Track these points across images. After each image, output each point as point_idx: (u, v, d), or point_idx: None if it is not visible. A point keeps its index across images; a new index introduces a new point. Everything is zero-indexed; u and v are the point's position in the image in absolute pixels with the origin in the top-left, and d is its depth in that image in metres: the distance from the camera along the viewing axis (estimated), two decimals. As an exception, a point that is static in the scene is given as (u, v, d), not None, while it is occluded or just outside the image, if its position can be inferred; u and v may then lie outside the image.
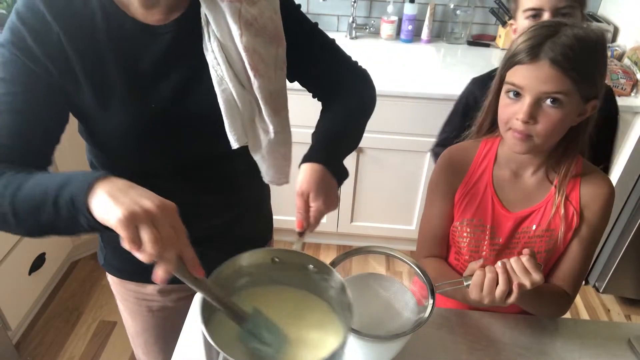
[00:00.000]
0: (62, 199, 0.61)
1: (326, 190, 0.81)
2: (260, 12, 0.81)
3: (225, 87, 0.80)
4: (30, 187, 0.65)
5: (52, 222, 0.64)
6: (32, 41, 0.71)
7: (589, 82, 0.84)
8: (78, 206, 0.60)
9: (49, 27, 0.72)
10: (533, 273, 0.80)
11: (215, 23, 0.78)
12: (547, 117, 0.84)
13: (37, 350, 1.90)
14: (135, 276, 1.02)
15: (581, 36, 0.82)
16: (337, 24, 2.37)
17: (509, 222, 0.97)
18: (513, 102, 0.86)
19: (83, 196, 0.59)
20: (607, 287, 2.19)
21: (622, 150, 1.96)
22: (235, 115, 0.82)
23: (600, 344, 0.96)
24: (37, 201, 0.63)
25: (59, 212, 0.62)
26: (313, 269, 0.72)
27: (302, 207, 0.79)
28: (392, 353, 0.85)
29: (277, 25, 0.84)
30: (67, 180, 0.62)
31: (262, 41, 0.81)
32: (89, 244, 2.30)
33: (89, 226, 0.61)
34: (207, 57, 0.80)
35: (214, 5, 0.78)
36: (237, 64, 0.81)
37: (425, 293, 0.81)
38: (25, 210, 0.65)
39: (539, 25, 0.86)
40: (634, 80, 1.88)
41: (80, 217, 0.60)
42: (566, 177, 0.93)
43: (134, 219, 0.56)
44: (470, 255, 1.01)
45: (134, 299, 1.06)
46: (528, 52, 0.82)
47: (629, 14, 2.12)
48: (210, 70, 0.80)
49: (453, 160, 1.02)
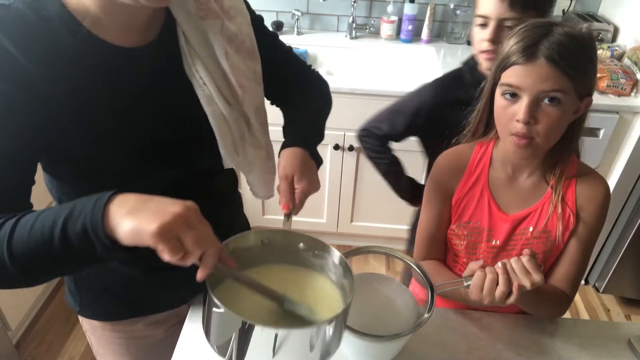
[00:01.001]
0: (71, 233, 0.57)
1: (309, 172, 0.83)
2: (238, 28, 0.81)
3: (215, 107, 0.79)
4: (26, 228, 0.59)
5: (59, 261, 0.60)
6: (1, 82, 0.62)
7: (584, 79, 0.84)
8: (96, 235, 0.56)
9: (17, 64, 0.62)
10: (533, 273, 0.80)
11: (196, 41, 0.76)
12: (546, 116, 0.84)
13: (37, 350, 1.90)
14: (121, 314, 0.96)
15: (573, 34, 0.82)
16: (337, 24, 2.38)
17: (505, 225, 0.97)
18: (510, 104, 0.86)
19: (100, 224, 0.55)
20: (607, 287, 2.19)
21: (622, 150, 1.96)
22: (226, 134, 0.82)
23: (600, 344, 0.96)
24: (39, 240, 0.58)
25: (69, 248, 0.57)
26: (303, 247, 0.74)
27: (286, 189, 0.81)
28: (392, 353, 0.85)
29: (252, 40, 0.84)
30: (69, 212, 0.58)
31: (242, 57, 0.81)
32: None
33: (106, 254, 0.57)
34: (191, 77, 0.77)
35: (192, 23, 0.75)
36: (220, 81, 0.79)
37: (425, 293, 0.81)
38: (27, 253, 0.59)
39: (530, 25, 0.85)
40: (634, 80, 1.88)
41: (97, 247, 0.57)
42: (562, 178, 0.93)
43: (170, 229, 0.55)
44: (467, 258, 1.01)
45: (121, 339, 0.99)
46: (523, 52, 0.82)
47: (629, 14, 2.12)
48: (197, 90, 0.78)
49: (449, 164, 1.02)
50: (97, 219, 0.56)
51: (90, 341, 1.03)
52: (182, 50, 0.76)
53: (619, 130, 1.91)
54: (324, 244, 0.74)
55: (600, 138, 1.90)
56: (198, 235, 0.57)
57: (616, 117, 1.87)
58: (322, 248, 0.74)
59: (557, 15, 2.33)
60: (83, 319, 0.98)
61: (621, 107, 1.86)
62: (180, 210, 0.56)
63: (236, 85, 0.80)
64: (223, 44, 0.78)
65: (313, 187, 0.83)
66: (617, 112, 1.87)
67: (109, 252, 0.57)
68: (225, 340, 0.63)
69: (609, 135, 1.90)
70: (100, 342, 1.01)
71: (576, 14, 2.26)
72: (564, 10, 2.32)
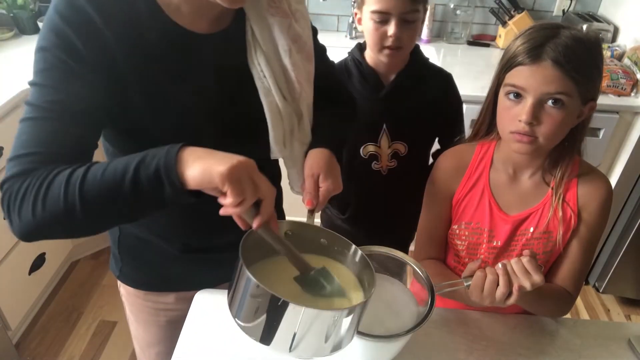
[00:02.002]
0: (142, 174, 0.61)
1: (334, 172, 0.89)
2: (302, 31, 0.87)
3: (272, 99, 0.84)
4: (98, 173, 0.63)
5: (126, 204, 0.63)
6: (80, 43, 0.68)
7: (589, 83, 0.84)
8: (168, 176, 0.60)
9: (97, 29, 0.69)
10: (534, 274, 0.80)
11: (262, 37, 0.82)
12: (549, 117, 0.83)
13: (37, 350, 1.90)
14: (155, 286, 1.03)
15: (580, 37, 0.82)
16: (337, 24, 2.38)
17: (506, 225, 0.97)
18: (514, 104, 0.86)
19: (173, 166, 0.60)
20: (607, 287, 2.19)
21: (622, 150, 1.96)
22: (279, 126, 0.87)
23: (600, 344, 0.96)
24: (110, 183, 0.62)
25: (138, 189, 0.61)
26: (324, 242, 0.78)
27: (312, 187, 0.86)
28: (392, 353, 0.85)
29: (311, 45, 0.90)
30: (141, 158, 0.62)
31: (302, 58, 0.87)
32: (89, 243, 2.31)
33: (175, 196, 0.62)
34: (252, 68, 0.82)
35: (261, 19, 0.82)
36: (279, 76, 0.85)
37: (425, 293, 0.81)
38: (96, 195, 0.63)
39: (537, 27, 0.85)
40: (634, 80, 1.88)
41: (166, 189, 0.61)
42: (563, 179, 0.93)
43: (237, 172, 0.60)
44: (468, 258, 1.01)
45: (151, 309, 1.06)
46: (529, 53, 0.82)
47: (629, 14, 2.12)
48: (256, 82, 0.83)
49: (450, 164, 1.03)
50: (170, 161, 0.61)
51: (125, 305, 1.11)
52: (247, 42, 0.82)
53: (619, 130, 1.91)
54: (345, 240, 0.77)
55: (600, 138, 1.90)
56: (259, 182, 0.63)
57: (616, 117, 1.87)
58: (343, 244, 0.77)
59: (557, 15, 2.33)
60: (121, 284, 1.06)
61: (621, 107, 1.86)
62: (245, 160, 0.62)
63: (295, 82, 0.86)
64: (288, 42, 0.84)
65: (337, 187, 0.88)
66: (617, 112, 1.87)
67: (176, 195, 0.62)
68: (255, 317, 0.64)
69: (609, 135, 1.90)
70: (132, 308, 1.09)
71: (576, 14, 2.25)
72: (564, 10, 2.32)
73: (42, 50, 0.69)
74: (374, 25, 1.10)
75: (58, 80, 0.68)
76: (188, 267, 1.00)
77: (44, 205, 0.63)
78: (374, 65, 1.20)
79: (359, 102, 1.11)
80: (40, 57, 0.69)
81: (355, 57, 1.21)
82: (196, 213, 0.89)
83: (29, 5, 2.21)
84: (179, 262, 0.99)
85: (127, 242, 0.99)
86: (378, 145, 1.25)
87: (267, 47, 0.82)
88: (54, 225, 0.65)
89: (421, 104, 1.23)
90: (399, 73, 1.20)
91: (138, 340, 1.14)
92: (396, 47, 1.11)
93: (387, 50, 1.12)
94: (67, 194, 0.62)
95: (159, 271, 1.02)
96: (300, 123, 0.91)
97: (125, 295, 1.08)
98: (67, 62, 0.68)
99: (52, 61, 0.68)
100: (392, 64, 1.18)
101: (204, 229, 0.95)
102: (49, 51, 0.68)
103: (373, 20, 1.10)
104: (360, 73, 1.21)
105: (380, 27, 1.10)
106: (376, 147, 1.26)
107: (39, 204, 0.63)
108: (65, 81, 0.69)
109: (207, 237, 0.97)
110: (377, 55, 1.16)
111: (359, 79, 1.21)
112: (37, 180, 0.64)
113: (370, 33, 1.12)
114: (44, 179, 0.64)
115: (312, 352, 0.67)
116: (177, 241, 0.96)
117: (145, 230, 0.95)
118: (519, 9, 2.23)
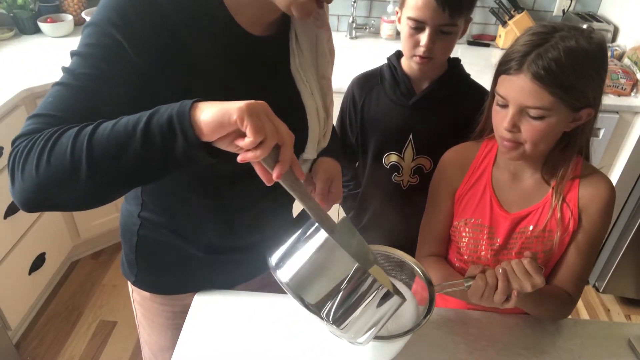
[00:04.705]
0: (154, 123, 0.59)
1: (340, 183, 0.97)
2: (334, 46, 0.94)
3: (313, 101, 0.88)
4: (109, 125, 0.61)
5: (135, 158, 0.60)
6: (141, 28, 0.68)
7: (576, 95, 0.82)
8: (180, 122, 0.58)
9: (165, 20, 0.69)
10: (534, 275, 0.80)
11: (305, 43, 0.86)
12: (530, 127, 0.84)
13: (37, 350, 1.91)
14: (175, 289, 1.01)
15: (571, 47, 0.79)
16: (337, 23, 2.38)
17: (506, 222, 0.97)
18: (501, 109, 0.88)
19: (187, 113, 0.58)
20: (607, 287, 2.19)
21: (622, 150, 1.96)
22: (316, 127, 0.90)
23: (600, 344, 0.96)
24: (121, 134, 0.60)
25: (149, 141, 0.59)
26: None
27: (324, 190, 0.92)
28: (392, 353, 0.85)
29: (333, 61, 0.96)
30: (155, 110, 0.61)
31: (331, 70, 0.94)
32: (89, 244, 2.31)
33: (188, 147, 0.59)
34: (295, 72, 0.86)
35: (308, 29, 0.86)
36: (317, 82, 0.89)
37: (425, 293, 0.81)
38: (104, 148, 0.60)
39: (532, 30, 0.85)
40: (634, 80, 1.88)
41: (178, 140, 0.59)
42: (563, 179, 0.93)
43: (255, 108, 0.58)
44: (469, 255, 1.01)
45: (168, 313, 1.03)
46: (514, 62, 0.82)
47: (629, 14, 2.12)
48: (299, 84, 0.87)
49: (454, 160, 1.03)
50: (184, 109, 0.59)
51: (136, 311, 1.08)
52: (291, 48, 0.85)
53: (619, 130, 1.91)
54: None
55: (600, 138, 1.90)
56: (277, 124, 0.61)
57: (616, 117, 1.87)
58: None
59: (557, 15, 2.33)
60: (134, 289, 1.03)
61: (621, 107, 1.87)
62: (263, 102, 0.61)
63: (330, 91, 0.93)
64: (327, 53, 0.90)
65: (340, 197, 0.96)
66: (617, 112, 1.87)
67: (190, 147, 0.59)
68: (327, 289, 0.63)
69: (609, 135, 1.90)
70: (148, 313, 1.05)
71: (576, 14, 2.26)
72: (564, 10, 2.32)
73: (92, 25, 0.69)
74: (409, 31, 1.08)
75: (100, 58, 0.67)
76: (210, 267, 1.00)
77: (49, 160, 0.61)
78: (408, 71, 1.17)
79: (388, 107, 1.09)
80: (89, 32, 0.69)
81: (392, 62, 1.19)
82: (222, 211, 0.91)
83: (29, 5, 2.21)
84: (201, 263, 0.98)
85: (146, 247, 0.97)
86: (401, 156, 1.20)
87: (308, 55, 0.87)
88: (56, 186, 0.62)
89: (453, 120, 1.16)
90: (432, 82, 1.16)
91: (151, 345, 1.11)
92: (427, 57, 1.09)
93: (417, 58, 1.10)
94: (75, 147, 0.60)
95: (179, 273, 1.00)
96: (327, 128, 0.95)
97: (139, 301, 1.05)
98: (116, 38, 0.66)
99: (100, 37, 0.67)
100: (424, 72, 1.15)
101: (231, 229, 0.95)
102: (100, 27, 0.68)
103: (409, 26, 1.08)
104: (393, 78, 1.18)
105: (415, 34, 1.07)
106: (399, 157, 1.21)
107: (44, 159, 0.61)
108: (107, 60, 0.68)
109: (232, 237, 0.96)
110: (409, 62, 1.14)
111: (390, 84, 1.18)
112: (45, 136, 0.62)
113: (405, 38, 1.10)
114: (52, 134, 0.62)
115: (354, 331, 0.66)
116: (202, 242, 0.95)
117: (168, 233, 0.94)
118: (519, 9, 2.23)
